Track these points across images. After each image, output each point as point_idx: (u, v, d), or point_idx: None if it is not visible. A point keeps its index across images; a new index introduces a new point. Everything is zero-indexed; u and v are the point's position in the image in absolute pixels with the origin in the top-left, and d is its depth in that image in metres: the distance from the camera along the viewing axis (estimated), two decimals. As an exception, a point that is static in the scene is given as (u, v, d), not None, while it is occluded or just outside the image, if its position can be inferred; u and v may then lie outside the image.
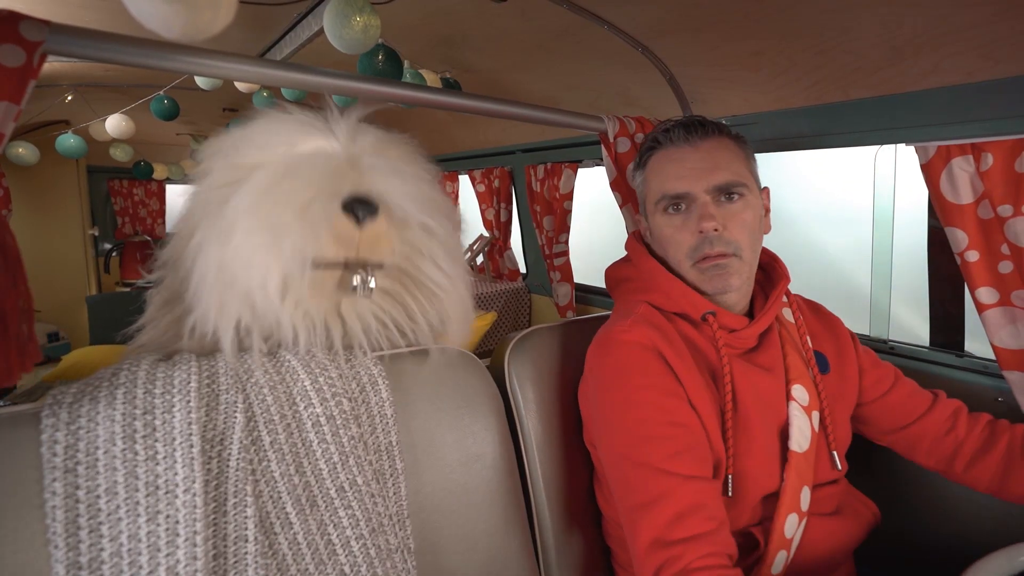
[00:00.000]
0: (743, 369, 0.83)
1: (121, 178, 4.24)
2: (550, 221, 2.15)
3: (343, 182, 0.66)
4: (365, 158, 0.70)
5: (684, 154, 0.85)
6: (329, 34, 1.08)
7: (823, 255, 2.39)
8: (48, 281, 3.54)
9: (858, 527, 0.88)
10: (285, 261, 0.63)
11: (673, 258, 0.86)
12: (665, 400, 0.77)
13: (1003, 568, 0.64)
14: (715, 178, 0.82)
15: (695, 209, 0.83)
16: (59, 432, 0.57)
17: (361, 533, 0.67)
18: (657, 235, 0.89)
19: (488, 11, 1.32)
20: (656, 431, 0.75)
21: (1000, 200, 0.90)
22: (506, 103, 1.09)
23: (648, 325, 0.81)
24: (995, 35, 0.84)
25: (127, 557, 0.55)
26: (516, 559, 0.83)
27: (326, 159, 0.68)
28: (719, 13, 1.08)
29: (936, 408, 0.91)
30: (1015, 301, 0.94)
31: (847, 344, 0.96)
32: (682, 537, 0.69)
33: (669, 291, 0.86)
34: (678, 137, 0.86)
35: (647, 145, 0.91)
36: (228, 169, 0.69)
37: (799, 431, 0.83)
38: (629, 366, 0.79)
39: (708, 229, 0.81)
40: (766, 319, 0.87)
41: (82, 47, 0.69)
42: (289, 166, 0.66)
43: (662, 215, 0.86)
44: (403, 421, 0.76)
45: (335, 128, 0.72)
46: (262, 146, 0.70)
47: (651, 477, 0.73)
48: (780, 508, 0.80)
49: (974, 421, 0.89)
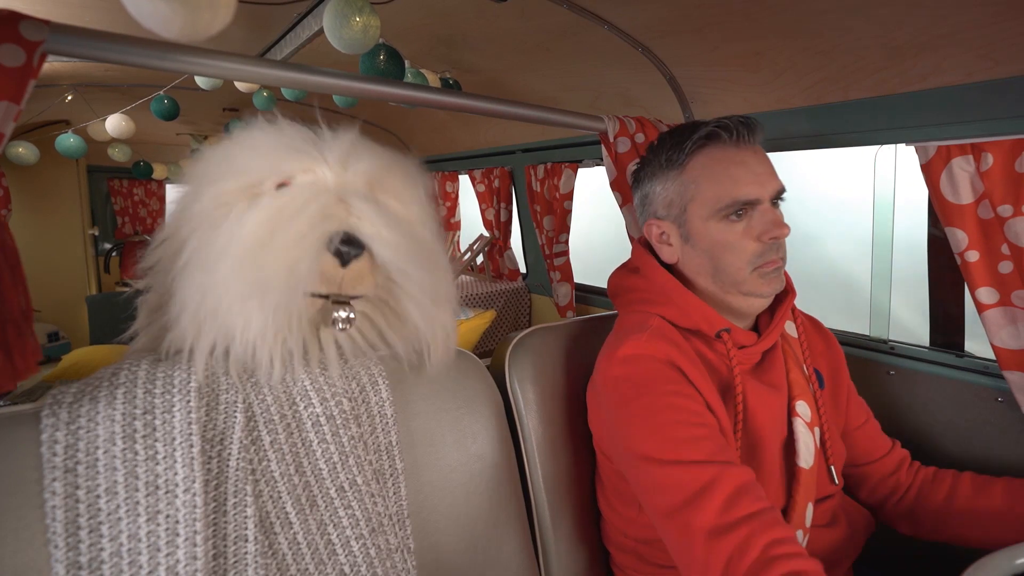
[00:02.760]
0: (753, 386, 0.81)
1: (121, 178, 4.24)
2: (550, 221, 2.15)
3: (330, 222, 0.63)
4: (355, 198, 0.66)
5: (745, 156, 0.79)
6: (329, 34, 1.08)
7: (823, 255, 2.39)
8: (48, 281, 3.54)
9: (854, 536, 0.89)
10: (267, 313, 0.62)
11: (732, 267, 0.80)
12: (690, 403, 0.74)
13: (1003, 568, 0.64)
14: (776, 184, 0.80)
15: (757, 215, 0.79)
16: (59, 432, 0.57)
17: (361, 533, 0.67)
18: (709, 241, 0.81)
19: (488, 11, 1.32)
20: (687, 432, 0.72)
21: (1000, 200, 0.90)
22: (506, 103, 1.09)
23: (664, 340, 0.78)
24: (995, 35, 0.84)
25: (127, 557, 0.55)
26: (516, 559, 0.83)
27: (317, 196, 0.64)
28: (719, 13, 1.08)
29: (892, 453, 0.97)
30: (1015, 301, 0.93)
31: (842, 365, 0.97)
32: (740, 516, 0.64)
33: (684, 307, 0.82)
34: (742, 137, 0.80)
35: (695, 138, 0.81)
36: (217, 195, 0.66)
37: (805, 447, 0.82)
38: (650, 378, 0.76)
39: (783, 236, 0.78)
40: (774, 335, 0.86)
41: (82, 47, 0.69)
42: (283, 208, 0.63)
43: (722, 222, 0.80)
44: (403, 421, 0.76)
45: (327, 154, 0.68)
46: (249, 170, 0.66)
47: (690, 471, 0.69)
48: (790, 525, 0.79)
49: (913, 469, 0.96)
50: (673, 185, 0.83)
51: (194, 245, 0.64)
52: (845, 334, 1.29)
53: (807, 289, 1.05)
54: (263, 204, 0.63)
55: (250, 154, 0.67)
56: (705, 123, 0.81)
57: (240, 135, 0.69)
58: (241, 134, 0.69)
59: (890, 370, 1.17)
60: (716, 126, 0.80)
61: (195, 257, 0.63)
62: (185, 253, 0.64)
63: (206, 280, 0.62)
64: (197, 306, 0.62)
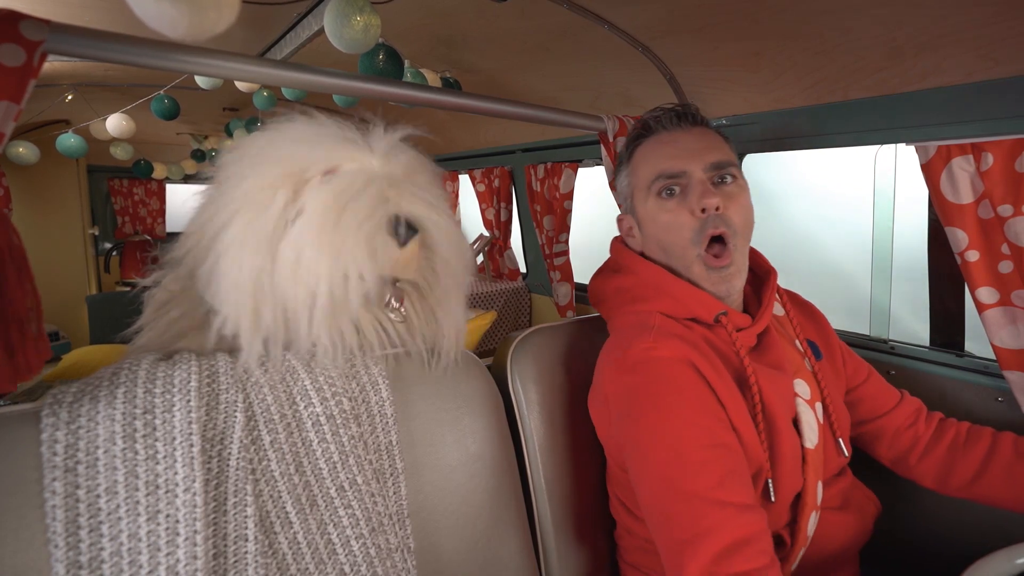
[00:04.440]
0: (761, 370, 0.80)
1: (121, 177, 4.24)
2: (550, 221, 2.15)
3: (387, 203, 0.67)
4: (403, 181, 0.70)
5: (676, 136, 0.83)
6: (329, 34, 1.08)
7: (823, 255, 2.39)
8: (48, 281, 3.54)
9: (864, 522, 0.89)
10: (337, 282, 0.64)
11: (675, 246, 0.82)
12: (702, 419, 0.71)
13: (1003, 568, 0.64)
14: (710, 156, 0.80)
15: (692, 189, 0.79)
16: (59, 431, 0.57)
17: (361, 532, 0.67)
18: (652, 224, 0.84)
19: (488, 11, 1.32)
20: (697, 455, 0.69)
21: (1000, 200, 0.90)
22: (506, 103, 1.09)
23: (674, 337, 0.76)
24: (995, 35, 0.84)
25: (127, 556, 0.55)
26: (516, 559, 0.83)
27: (370, 179, 0.67)
28: (719, 13, 1.08)
29: (903, 403, 0.95)
30: (1015, 301, 0.93)
31: (829, 331, 0.97)
32: (733, 573, 0.63)
33: (678, 295, 0.81)
34: (669, 122, 0.84)
35: (635, 135, 0.88)
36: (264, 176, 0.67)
37: (808, 427, 0.82)
38: (660, 386, 0.73)
39: (711, 207, 0.77)
40: (767, 316, 0.86)
41: (82, 47, 0.69)
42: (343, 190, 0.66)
43: (655, 200, 0.83)
44: (403, 421, 0.76)
45: (373, 145, 0.71)
46: (298, 157, 0.68)
47: (697, 509, 0.66)
48: (804, 507, 0.79)
49: (931, 418, 0.94)
50: (624, 179, 0.90)
51: (238, 227, 0.65)
52: (845, 334, 1.29)
53: (807, 289, 1.05)
54: (322, 188, 0.66)
55: (296, 143, 0.70)
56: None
57: (281, 126, 0.72)
58: (282, 125, 0.72)
59: (890, 370, 1.17)
60: (649, 118, 0.86)
61: (240, 238, 0.64)
62: (227, 235, 0.65)
63: (265, 263, 0.63)
64: (252, 287, 0.63)
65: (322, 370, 0.70)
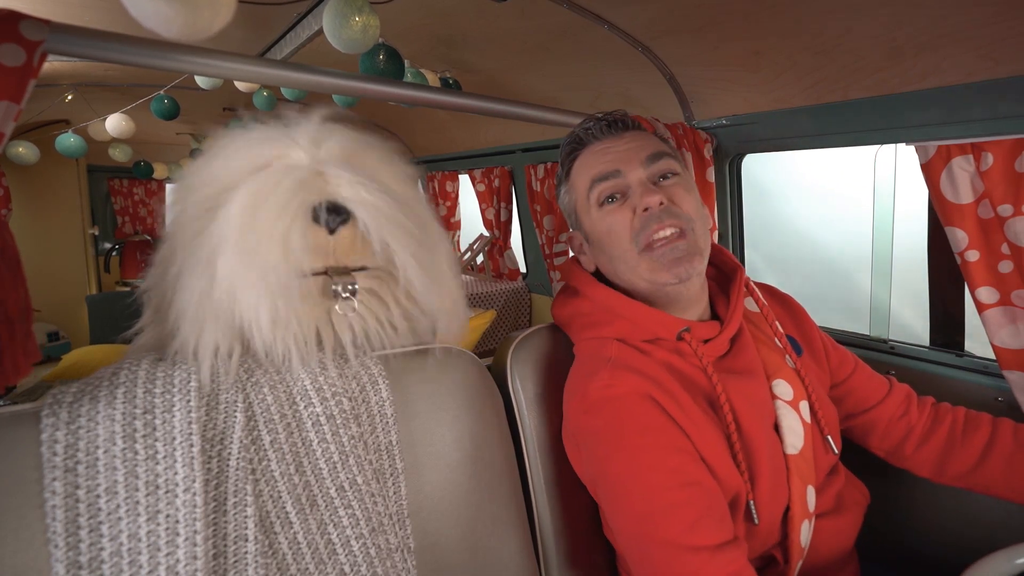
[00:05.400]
0: (731, 384, 0.77)
1: (121, 177, 4.24)
2: (550, 220, 2.15)
3: (310, 193, 0.65)
4: (330, 166, 0.68)
5: (608, 144, 0.81)
6: (328, 34, 1.08)
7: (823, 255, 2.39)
8: (48, 280, 3.54)
9: (858, 518, 0.87)
10: (272, 292, 0.63)
11: (618, 248, 0.79)
12: (668, 459, 0.69)
13: (1003, 568, 0.64)
14: (644, 152, 0.78)
15: (632, 191, 0.77)
16: (59, 431, 0.57)
17: (361, 532, 0.67)
18: (597, 234, 0.81)
19: (488, 11, 1.32)
20: (666, 499, 0.67)
21: (1000, 200, 0.90)
22: (506, 103, 1.09)
23: (628, 371, 0.74)
24: (995, 35, 0.84)
25: (127, 556, 0.55)
26: (516, 559, 0.83)
27: (290, 171, 0.66)
28: (719, 13, 1.08)
29: (893, 392, 0.92)
30: (1015, 301, 0.94)
31: (809, 324, 0.93)
32: None
33: (634, 317, 0.78)
34: (600, 132, 0.82)
35: (568, 150, 0.85)
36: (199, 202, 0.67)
37: (790, 431, 0.79)
38: (622, 426, 0.71)
39: (653, 204, 0.75)
40: (736, 319, 0.82)
41: (82, 47, 0.69)
42: (259, 190, 0.64)
43: (598, 210, 0.80)
44: (403, 420, 0.76)
45: (296, 136, 0.70)
46: (226, 170, 0.68)
47: (671, 555, 0.66)
48: (793, 519, 0.77)
49: (923, 404, 0.91)
50: (566, 196, 0.87)
51: (183, 255, 0.66)
52: (845, 334, 1.29)
53: (808, 288, 1.05)
54: (240, 191, 0.64)
55: (223, 158, 0.69)
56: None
57: (211, 145, 0.71)
58: (212, 144, 0.71)
59: (890, 370, 1.17)
60: (580, 131, 0.84)
61: (186, 265, 0.65)
62: (176, 263, 0.66)
63: (203, 285, 0.63)
64: (196, 310, 0.63)
65: (322, 370, 0.70)
